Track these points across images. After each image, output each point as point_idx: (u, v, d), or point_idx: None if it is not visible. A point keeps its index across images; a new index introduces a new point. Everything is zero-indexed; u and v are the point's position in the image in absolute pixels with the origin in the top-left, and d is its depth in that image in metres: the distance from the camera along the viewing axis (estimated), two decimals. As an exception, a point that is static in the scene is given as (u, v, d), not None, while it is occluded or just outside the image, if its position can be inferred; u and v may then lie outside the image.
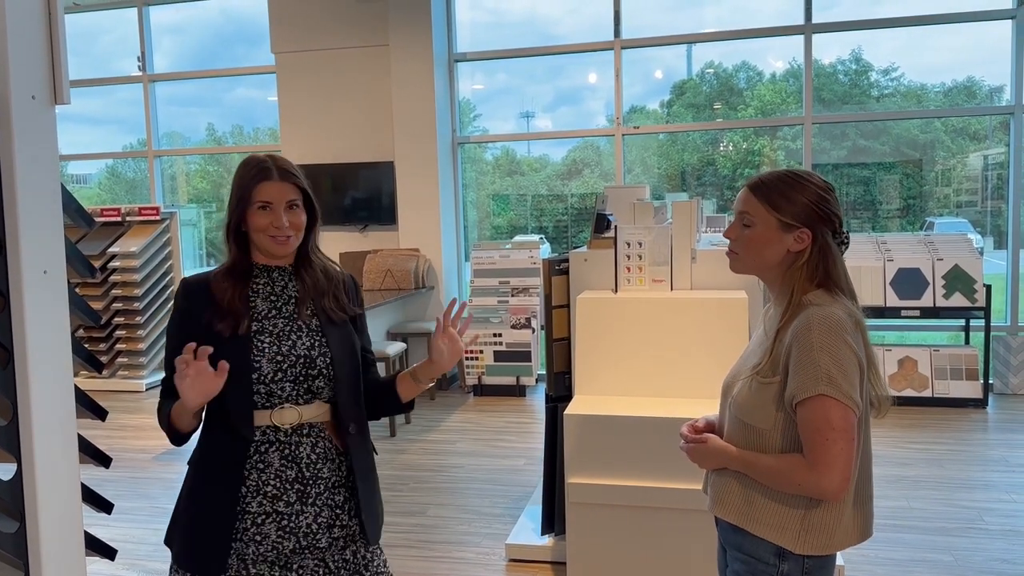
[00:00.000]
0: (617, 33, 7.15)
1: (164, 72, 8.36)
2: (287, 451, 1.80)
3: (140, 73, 8.31)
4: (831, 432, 1.56)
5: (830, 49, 6.92)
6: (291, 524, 1.79)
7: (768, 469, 1.65)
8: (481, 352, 6.88)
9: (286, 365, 1.80)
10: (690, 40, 7.39)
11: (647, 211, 3.64)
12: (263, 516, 1.78)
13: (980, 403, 6.16)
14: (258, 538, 1.78)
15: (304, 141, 7.56)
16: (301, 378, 1.81)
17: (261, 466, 1.79)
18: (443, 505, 4.49)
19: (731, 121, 7.75)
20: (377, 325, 6.74)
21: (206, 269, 1.95)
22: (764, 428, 1.66)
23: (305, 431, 1.82)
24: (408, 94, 7.18)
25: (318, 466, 1.82)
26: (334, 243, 7.53)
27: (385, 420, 6.08)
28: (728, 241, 1.81)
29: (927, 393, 6.25)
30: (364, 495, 1.87)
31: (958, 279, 6.20)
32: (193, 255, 8.99)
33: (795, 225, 1.68)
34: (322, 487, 1.82)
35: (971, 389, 6.19)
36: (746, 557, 1.72)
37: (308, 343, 1.83)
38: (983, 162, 7.32)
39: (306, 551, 1.80)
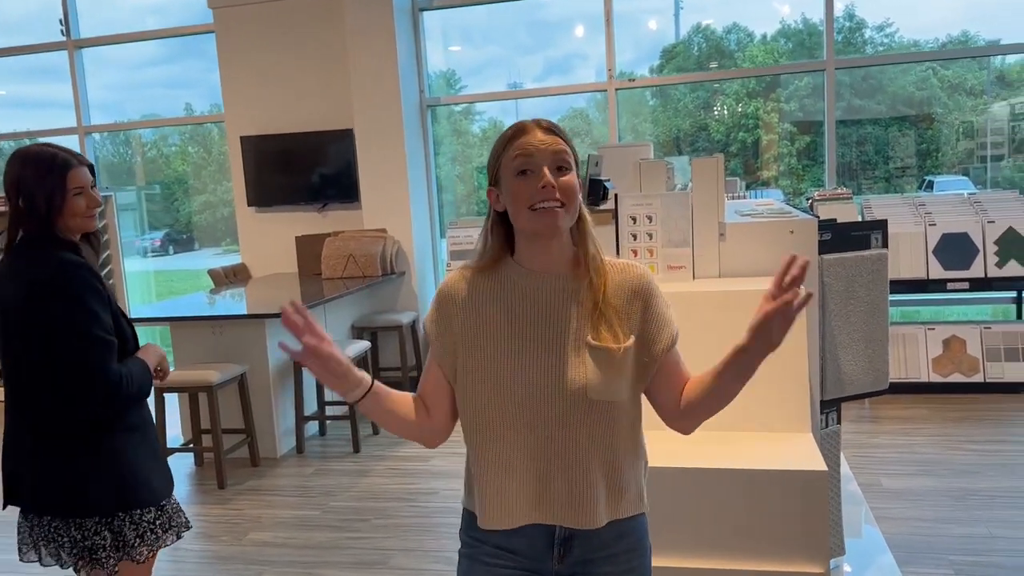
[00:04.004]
0: (606, -29, 6.18)
1: (90, 37, 7.34)
2: None
3: (64, 39, 7.29)
4: None
5: (820, 6, 6.21)
6: None
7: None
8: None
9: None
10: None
11: (658, 172, 2.72)
12: None
13: (1041, 388, 5.30)
14: None
15: (249, 109, 6.58)
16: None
17: None
18: (411, 552, 3.60)
19: (744, 70, 6.83)
20: (339, 319, 5.81)
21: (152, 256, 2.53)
22: (624, 398, 1.52)
23: None
24: (366, 50, 6.20)
25: None
26: (288, 225, 6.59)
27: (347, 433, 5.17)
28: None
29: (978, 378, 5.38)
30: None
31: (1013, 244, 5.30)
32: (135, 238, 8.22)
33: (579, 171, 1.55)
34: None
35: (1030, 372, 5.33)
36: (630, 546, 1.57)
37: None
38: (1009, 111, 6.82)
39: None
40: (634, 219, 2.58)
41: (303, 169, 6.53)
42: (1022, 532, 3.43)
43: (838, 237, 2.96)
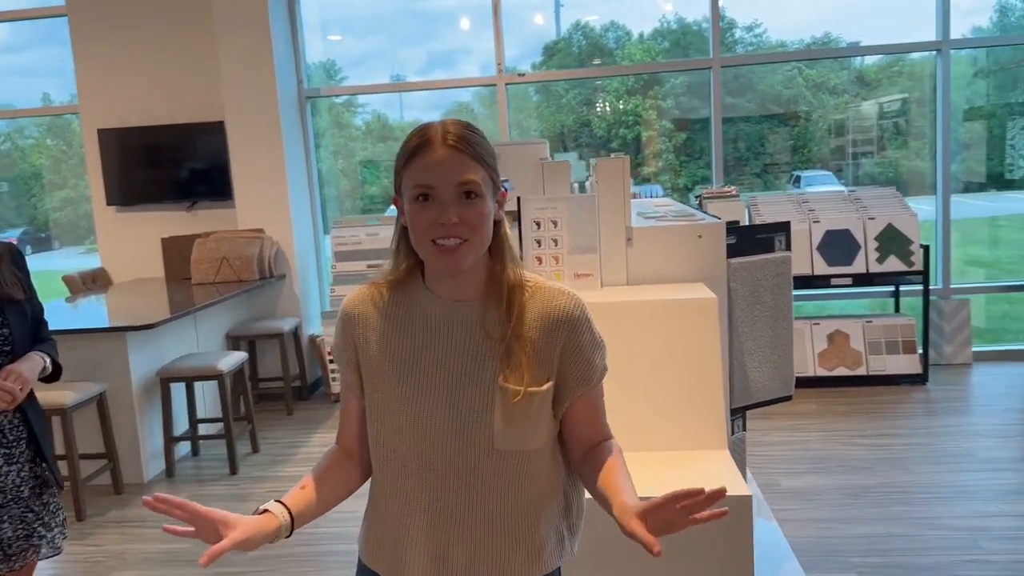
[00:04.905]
0: (492, -39, 5.98)
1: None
2: None
3: None
4: None
5: (696, 6, 6.40)
6: (1, 483, 2.08)
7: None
8: (347, 352, 5.65)
9: None
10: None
11: (562, 173, 2.53)
12: None
13: (920, 379, 5.47)
14: None
15: (108, 99, 6.01)
16: None
17: None
18: (294, 586, 3.31)
19: (632, 66, 6.82)
20: (212, 328, 5.38)
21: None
22: (539, 446, 1.32)
23: None
24: (237, 36, 5.76)
25: (17, 430, 2.12)
26: (153, 225, 6.07)
27: (223, 453, 4.76)
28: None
29: (861, 371, 5.51)
30: (47, 448, 2.19)
31: (892, 240, 5.45)
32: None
33: (498, 185, 1.32)
34: (23, 446, 2.13)
35: (909, 364, 5.49)
36: None
37: None
38: (877, 109, 7.21)
39: (11, 503, 2.10)
40: (538, 224, 2.39)
41: (169, 165, 6.03)
42: (917, 530, 3.46)
43: (742, 240, 2.86)
